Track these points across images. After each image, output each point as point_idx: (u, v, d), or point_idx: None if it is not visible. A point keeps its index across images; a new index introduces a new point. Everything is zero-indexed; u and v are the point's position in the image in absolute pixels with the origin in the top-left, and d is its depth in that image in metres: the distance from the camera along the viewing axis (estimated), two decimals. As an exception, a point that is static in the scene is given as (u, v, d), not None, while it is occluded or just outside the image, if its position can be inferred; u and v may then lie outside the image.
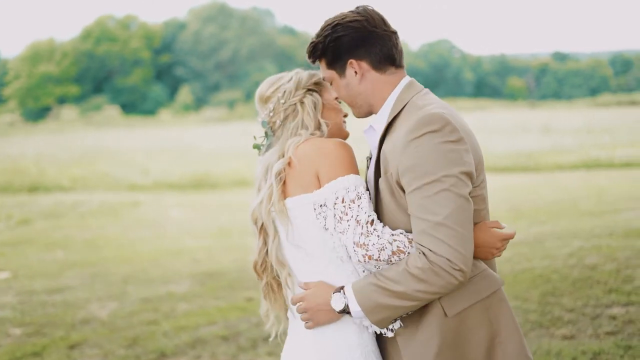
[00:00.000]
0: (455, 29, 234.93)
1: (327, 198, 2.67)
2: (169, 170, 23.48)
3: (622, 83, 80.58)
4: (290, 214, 2.77)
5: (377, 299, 2.58)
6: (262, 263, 2.93)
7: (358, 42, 2.76)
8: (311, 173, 2.72)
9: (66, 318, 7.78)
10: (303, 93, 2.90)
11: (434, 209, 2.50)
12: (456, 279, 2.50)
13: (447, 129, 2.54)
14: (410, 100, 2.74)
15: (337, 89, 2.87)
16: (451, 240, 2.49)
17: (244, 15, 77.54)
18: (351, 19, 2.78)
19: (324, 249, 2.75)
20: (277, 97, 2.91)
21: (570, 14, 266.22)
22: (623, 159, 22.28)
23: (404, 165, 2.56)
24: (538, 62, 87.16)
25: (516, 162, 23.10)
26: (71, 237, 13.62)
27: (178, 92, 68.18)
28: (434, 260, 2.49)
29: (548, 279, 7.89)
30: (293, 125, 2.87)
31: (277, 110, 2.90)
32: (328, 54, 2.80)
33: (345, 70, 2.79)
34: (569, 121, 38.04)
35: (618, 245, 9.16)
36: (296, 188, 2.75)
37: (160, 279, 9.56)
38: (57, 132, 47.75)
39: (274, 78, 2.99)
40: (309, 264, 2.80)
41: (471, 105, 61.89)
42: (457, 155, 2.54)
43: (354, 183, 2.67)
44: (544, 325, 6.41)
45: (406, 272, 2.54)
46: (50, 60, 67.49)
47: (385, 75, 2.81)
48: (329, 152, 2.71)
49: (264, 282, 2.96)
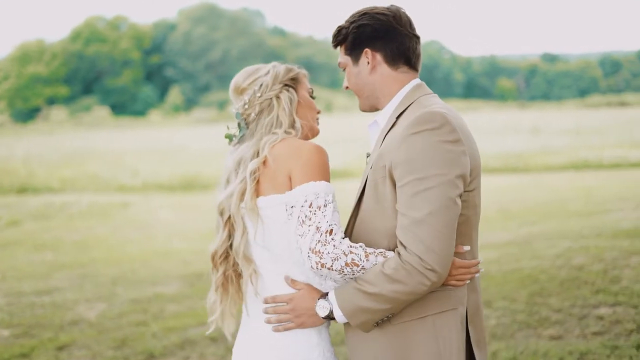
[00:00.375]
0: (445, 30, 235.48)
1: (297, 200, 2.65)
2: (158, 172, 23.43)
3: (612, 84, 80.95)
4: (262, 213, 2.75)
5: (356, 302, 2.59)
6: (222, 254, 2.90)
7: (379, 33, 2.80)
8: (284, 173, 2.70)
9: (55, 319, 7.76)
10: (280, 88, 2.88)
11: (418, 206, 2.49)
12: (428, 279, 2.48)
13: (446, 129, 2.53)
14: (416, 100, 2.75)
15: (348, 76, 2.89)
16: (427, 239, 2.46)
17: (234, 16, 77.53)
18: (379, 11, 2.83)
19: (291, 250, 2.73)
20: (253, 90, 2.89)
21: (560, 15, 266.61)
22: (612, 160, 22.38)
23: (398, 158, 2.55)
24: (527, 63, 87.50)
25: (506, 163, 23.16)
26: (60, 238, 13.59)
27: (168, 93, 68.09)
28: (406, 258, 2.49)
29: (536, 279, 7.92)
30: (268, 121, 2.84)
31: (253, 103, 2.88)
32: (349, 39, 2.84)
33: (359, 59, 2.83)
34: (558, 122, 38.14)
35: (606, 246, 9.20)
36: (269, 188, 2.74)
37: (150, 280, 9.55)
38: (47, 133, 47.59)
39: (251, 69, 2.96)
40: (274, 264, 2.80)
41: (461, 106, 61.99)
42: (452, 155, 2.53)
43: (324, 190, 2.65)
44: (532, 325, 6.44)
45: (381, 273, 2.53)
46: (39, 61, 67.32)
47: (397, 72, 2.82)
48: (304, 155, 2.69)
49: (220, 273, 2.93)
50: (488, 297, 7.37)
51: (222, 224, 2.86)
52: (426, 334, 2.65)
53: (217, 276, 2.95)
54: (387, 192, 2.62)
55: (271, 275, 2.82)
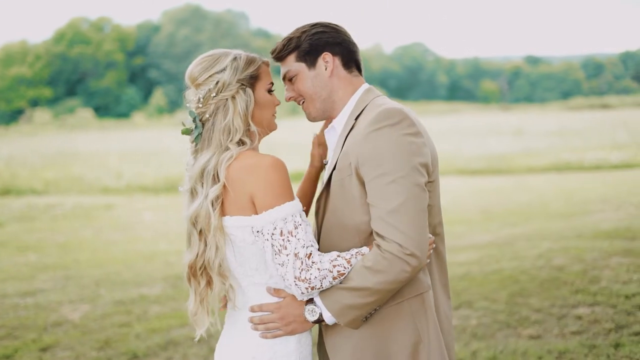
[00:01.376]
0: (429, 32, 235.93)
1: (264, 226, 2.61)
2: (142, 173, 23.39)
3: (594, 86, 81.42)
4: (229, 232, 2.71)
5: (343, 301, 2.64)
6: (201, 265, 2.79)
7: (336, 39, 2.92)
8: (245, 197, 2.65)
9: (38, 321, 7.76)
10: (237, 88, 2.76)
11: (389, 197, 2.58)
12: (409, 264, 2.56)
13: (405, 123, 2.65)
14: (370, 101, 2.85)
15: (302, 81, 2.92)
16: (402, 226, 2.55)
17: (218, 18, 77.50)
18: (329, 22, 2.97)
19: (265, 265, 2.71)
20: (208, 87, 2.77)
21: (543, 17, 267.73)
22: (593, 162, 22.55)
23: (363, 155, 2.65)
24: (511, 66, 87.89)
25: (488, 165, 23.28)
26: (44, 240, 13.56)
27: (152, 95, 67.93)
28: (385, 247, 2.57)
29: (516, 279, 8.00)
30: (223, 127, 2.73)
31: (207, 101, 2.77)
32: (303, 46, 2.90)
33: (316, 63, 2.90)
34: (541, 124, 38.33)
35: (586, 247, 9.30)
36: (233, 209, 2.68)
37: (133, 281, 9.56)
38: (30, 135, 47.38)
39: (208, 60, 2.82)
40: (251, 277, 2.77)
41: (445, 109, 62.25)
42: (414, 147, 2.64)
43: (290, 212, 2.62)
44: (512, 325, 6.51)
45: (362, 268, 2.61)
46: (22, 63, 67.06)
47: (351, 75, 2.94)
48: (262, 176, 2.62)
49: (203, 285, 2.82)
50: (469, 297, 7.44)
51: (197, 235, 2.77)
52: (403, 318, 2.75)
53: (201, 288, 2.84)
54: (353, 189, 2.71)
55: (252, 288, 2.79)
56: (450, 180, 19.89)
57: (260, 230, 2.63)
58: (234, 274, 2.81)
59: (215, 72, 2.78)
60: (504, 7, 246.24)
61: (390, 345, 2.75)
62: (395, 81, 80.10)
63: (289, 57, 2.94)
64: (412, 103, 67.47)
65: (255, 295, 2.79)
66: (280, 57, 2.97)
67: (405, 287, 2.73)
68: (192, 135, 2.81)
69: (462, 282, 8.09)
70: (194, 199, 2.77)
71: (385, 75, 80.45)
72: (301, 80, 2.92)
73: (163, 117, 59.37)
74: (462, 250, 10.05)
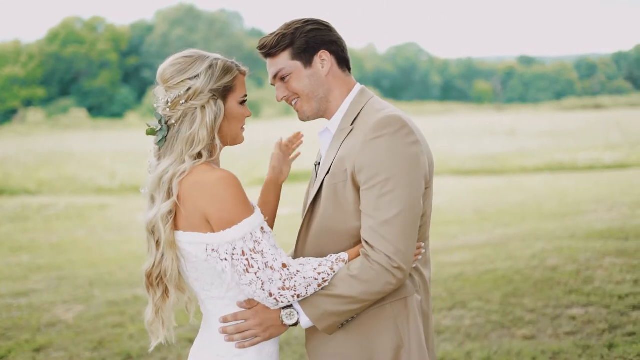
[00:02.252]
0: (423, 32, 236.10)
1: (221, 246, 2.55)
2: (135, 173, 23.36)
3: (587, 87, 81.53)
4: (181, 247, 2.64)
5: (324, 307, 2.63)
6: (157, 275, 2.70)
7: (332, 38, 2.86)
8: (198, 215, 2.57)
9: (32, 321, 7.75)
10: (207, 98, 2.64)
11: (383, 207, 2.57)
12: (394, 277, 2.57)
13: (404, 131, 2.63)
14: (366, 104, 2.82)
15: (297, 80, 2.83)
16: (393, 238, 2.55)
17: (212, 17, 77.37)
18: (321, 20, 2.89)
19: (220, 282, 2.66)
20: (178, 92, 2.65)
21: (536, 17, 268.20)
22: (586, 162, 22.60)
23: (361, 163, 2.63)
24: (504, 66, 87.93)
25: (482, 165, 23.31)
26: (37, 240, 13.54)
27: (145, 95, 67.73)
28: (374, 257, 2.57)
29: (510, 280, 8.01)
30: (187, 135, 2.62)
31: (175, 106, 2.66)
32: (298, 43, 2.81)
33: (312, 61, 2.82)
34: (534, 125, 38.39)
35: (579, 247, 9.31)
36: (186, 225, 2.61)
37: (127, 282, 9.55)
38: (23, 134, 47.25)
39: (183, 63, 2.69)
40: (208, 292, 2.71)
41: (438, 109, 62.26)
42: (413, 157, 2.63)
43: (249, 229, 2.54)
44: (506, 325, 6.52)
45: (348, 276, 2.60)
46: (15, 62, 66.83)
47: (344, 75, 2.90)
48: (214, 195, 2.54)
49: (160, 295, 2.74)
50: (463, 297, 7.45)
51: (154, 243, 2.67)
52: (386, 321, 2.74)
53: (157, 298, 2.75)
54: (348, 195, 2.69)
55: (210, 301, 2.73)
56: (444, 181, 19.91)
57: (216, 249, 2.56)
58: (192, 287, 2.76)
59: (189, 77, 2.66)
60: (498, 7, 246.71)
61: (372, 349, 2.74)
62: (388, 81, 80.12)
63: (281, 55, 2.84)
64: (406, 103, 67.49)
65: (213, 308, 2.74)
66: (271, 53, 2.87)
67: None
68: (156, 137, 2.72)
69: (456, 282, 8.10)
70: (153, 205, 2.69)
71: (379, 76, 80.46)
72: (297, 79, 2.83)
73: (157, 117, 59.16)
74: (456, 251, 10.06)
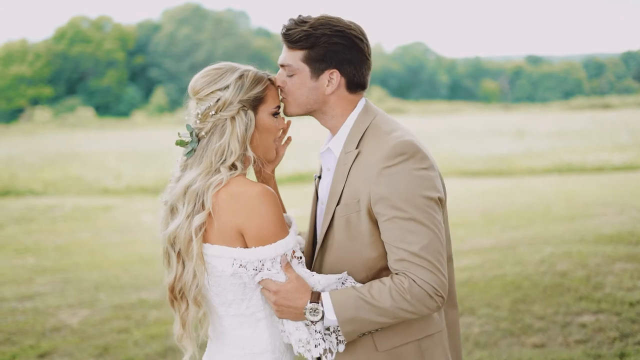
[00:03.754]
0: (430, 31, 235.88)
1: (250, 262, 2.53)
2: (141, 174, 23.35)
3: (595, 86, 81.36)
4: (207, 260, 2.60)
5: (357, 312, 2.55)
6: (180, 289, 2.67)
7: (352, 58, 2.72)
8: (233, 228, 2.53)
9: (36, 326, 7.71)
10: (237, 109, 2.62)
11: (411, 239, 2.52)
12: (436, 304, 2.54)
13: (418, 156, 2.58)
14: (371, 123, 2.73)
15: (298, 84, 2.73)
16: (432, 268, 2.51)
17: (219, 17, 77.41)
18: (355, 34, 2.73)
19: (244, 296, 2.63)
20: (208, 104, 2.63)
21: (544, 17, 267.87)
22: (595, 164, 22.45)
23: (378, 193, 2.56)
24: (512, 65, 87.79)
25: (489, 166, 23.20)
26: (42, 242, 13.50)
27: (152, 94, 67.88)
28: (421, 284, 2.51)
29: (519, 285, 7.94)
30: (217, 146, 2.59)
31: (205, 118, 2.64)
32: (316, 50, 2.69)
33: (320, 75, 2.71)
34: (542, 125, 38.26)
35: (588, 252, 9.23)
36: (216, 237, 2.56)
37: (132, 285, 9.50)
38: (30, 133, 47.37)
39: (213, 74, 2.67)
40: (227, 308, 2.67)
41: (446, 108, 62.18)
42: (430, 182, 2.58)
43: (281, 251, 2.54)
44: (515, 333, 6.45)
45: (392, 290, 2.53)
46: (23, 61, 67.02)
47: (352, 95, 2.80)
48: (254, 210, 2.51)
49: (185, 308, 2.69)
50: (472, 304, 7.38)
51: (175, 256, 2.64)
52: (414, 358, 2.68)
53: (183, 311, 2.69)
54: (363, 226, 2.63)
55: (228, 318, 2.69)
56: (451, 182, 19.81)
57: (244, 265, 2.54)
58: (211, 302, 2.70)
59: (218, 88, 2.63)
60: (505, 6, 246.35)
61: None
62: (396, 81, 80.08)
63: (297, 52, 2.72)
64: (413, 102, 67.43)
65: (230, 326, 2.70)
66: (290, 45, 2.73)
67: (417, 327, 2.68)
68: (185, 149, 2.68)
69: (464, 288, 8.03)
70: (174, 216, 2.64)
71: (386, 75, 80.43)
72: (298, 82, 2.73)
73: (163, 116, 59.31)
74: (464, 255, 9.98)
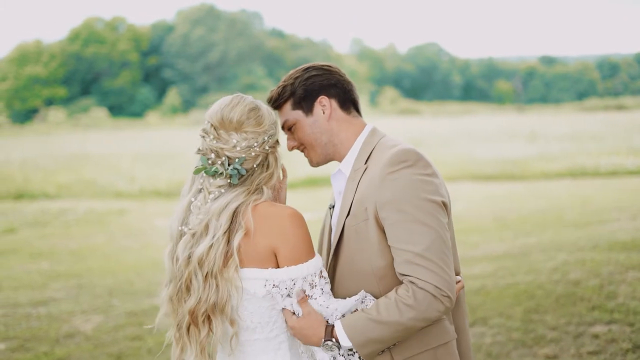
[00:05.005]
0: (444, 32, 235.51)
1: (282, 282, 2.57)
2: (155, 177, 23.42)
3: (609, 87, 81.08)
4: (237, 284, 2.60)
5: (370, 334, 2.59)
6: (204, 312, 2.63)
7: (330, 81, 2.86)
8: (267, 248, 2.57)
9: (50, 332, 7.75)
10: (275, 142, 2.74)
11: (415, 240, 2.55)
12: (443, 305, 2.55)
13: (421, 163, 2.64)
14: (378, 142, 2.81)
15: (301, 129, 2.87)
16: (436, 268, 2.53)
17: (233, 17, 77.60)
18: (322, 64, 2.91)
19: (270, 319, 2.65)
20: (255, 133, 2.67)
21: (558, 17, 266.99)
22: (608, 167, 22.35)
23: (382, 199, 2.62)
24: (526, 66, 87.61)
25: (502, 170, 23.14)
26: (56, 246, 13.58)
27: (166, 94, 68.14)
28: (423, 286, 2.53)
29: (532, 294, 7.92)
30: (262, 178, 2.68)
31: (252, 150, 2.68)
32: (297, 93, 2.84)
33: (313, 108, 2.85)
34: (555, 127, 38.16)
35: (602, 259, 9.20)
36: (249, 259, 2.59)
37: (145, 291, 9.53)
38: (44, 134, 47.62)
39: (249, 111, 2.70)
40: (251, 332, 2.68)
41: (459, 109, 62.13)
42: (433, 187, 2.62)
43: (313, 270, 2.60)
44: (527, 344, 6.44)
45: (397, 302, 2.56)
46: (37, 62, 67.41)
47: (350, 116, 2.90)
48: (287, 230, 2.57)
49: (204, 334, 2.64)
50: (484, 313, 7.37)
51: (202, 277, 2.60)
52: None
53: (202, 337, 2.65)
54: (370, 233, 2.68)
55: (250, 343, 2.70)
56: (463, 186, 19.83)
57: (277, 284, 2.58)
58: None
59: (263, 117, 2.71)
60: (519, 6, 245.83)
61: None
62: (409, 81, 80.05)
63: (285, 106, 2.88)
64: (426, 103, 67.40)
65: (252, 352, 2.71)
66: (277, 106, 2.90)
67: (431, 335, 2.71)
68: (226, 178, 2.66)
69: (477, 296, 8.02)
70: (201, 239, 2.62)
71: (399, 76, 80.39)
72: (300, 128, 2.87)
73: (177, 117, 59.53)
74: (477, 262, 9.97)
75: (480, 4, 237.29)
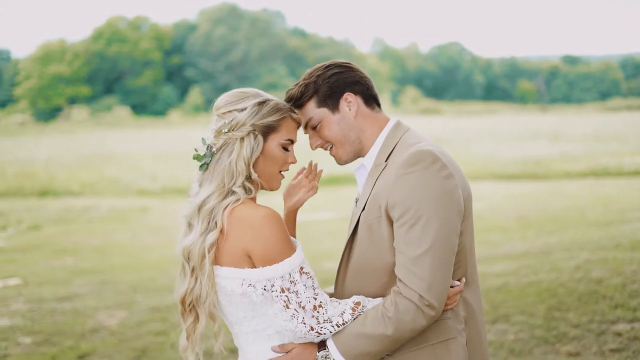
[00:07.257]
0: (466, 31, 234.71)
1: (259, 282, 2.59)
2: (177, 175, 23.52)
3: (633, 87, 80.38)
4: (217, 281, 2.68)
5: (359, 348, 2.62)
6: (191, 302, 2.73)
7: (354, 78, 2.86)
8: (240, 249, 2.62)
9: (75, 327, 7.83)
10: (248, 131, 2.72)
11: (413, 243, 2.56)
12: (425, 315, 2.55)
13: (437, 165, 2.60)
14: (401, 138, 2.80)
15: (328, 126, 2.86)
16: (424, 275, 2.53)
17: (255, 16, 77.68)
18: (341, 62, 2.91)
19: (254, 313, 2.68)
20: (224, 121, 2.73)
21: (581, 16, 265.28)
22: (632, 167, 22.20)
23: (394, 197, 2.61)
24: (548, 65, 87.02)
25: (524, 169, 23.06)
26: (80, 243, 13.69)
27: (188, 93, 68.31)
28: (407, 294, 2.55)
29: (554, 293, 7.92)
30: (226, 165, 2.70)
31: (219, 135, 2.74)
32: (321, 91, 2.83)
33: (339, 105, 2.84)
34: (578, 127, 37.95)
35: (624, 258, 9.18)
36: (226, 258, 2.66)
37: (168, 287, 9.58)
38: (68, 132, 47.94)
39: (237, 95, 2.79)
40: (240, 326, 2.74)
41: (481, 109, 61.91)
42: (446, 191, 2.60)
43: (288, 269, 2.60)
44: (550, 341, 6.44)
45: (383, 314, 2.58)
46: (61, 61, 67.81)
47: (374, 112, 2.90)
48: (259, 232, 2.60)
49: (192, 320, 2.76)
50: (506, 310, 7.38)
51: (189, 270, 2.71)
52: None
53: (188, 325, 2.78)
54: (383, 231, 2.68)
55: (242, 335, 2.76)
56: (486, 185, 19.77)
57: (253, 284, 2.61)
58: (225, 319, 2.80)
59: (235, 109, 2.75)
60: (541, 5, 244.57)
61: None
62: (431, 81, 79.82)
63: (308, 104, 2.86)
64: (448, 103, 67.21)
65: (245, 342, 2.77)
66: (299, 104, 2.88)
67: (430, 332, 2.70)
68: (203, 162, 2.79)
69: (499, 294, 8.03)
70: (190, 231, 2.74)
71: (421, 75, 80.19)
72: (327, 126, 2.86)
73: (199, 115, 59.66)
74: (499, 260, 9.97)
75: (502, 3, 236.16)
